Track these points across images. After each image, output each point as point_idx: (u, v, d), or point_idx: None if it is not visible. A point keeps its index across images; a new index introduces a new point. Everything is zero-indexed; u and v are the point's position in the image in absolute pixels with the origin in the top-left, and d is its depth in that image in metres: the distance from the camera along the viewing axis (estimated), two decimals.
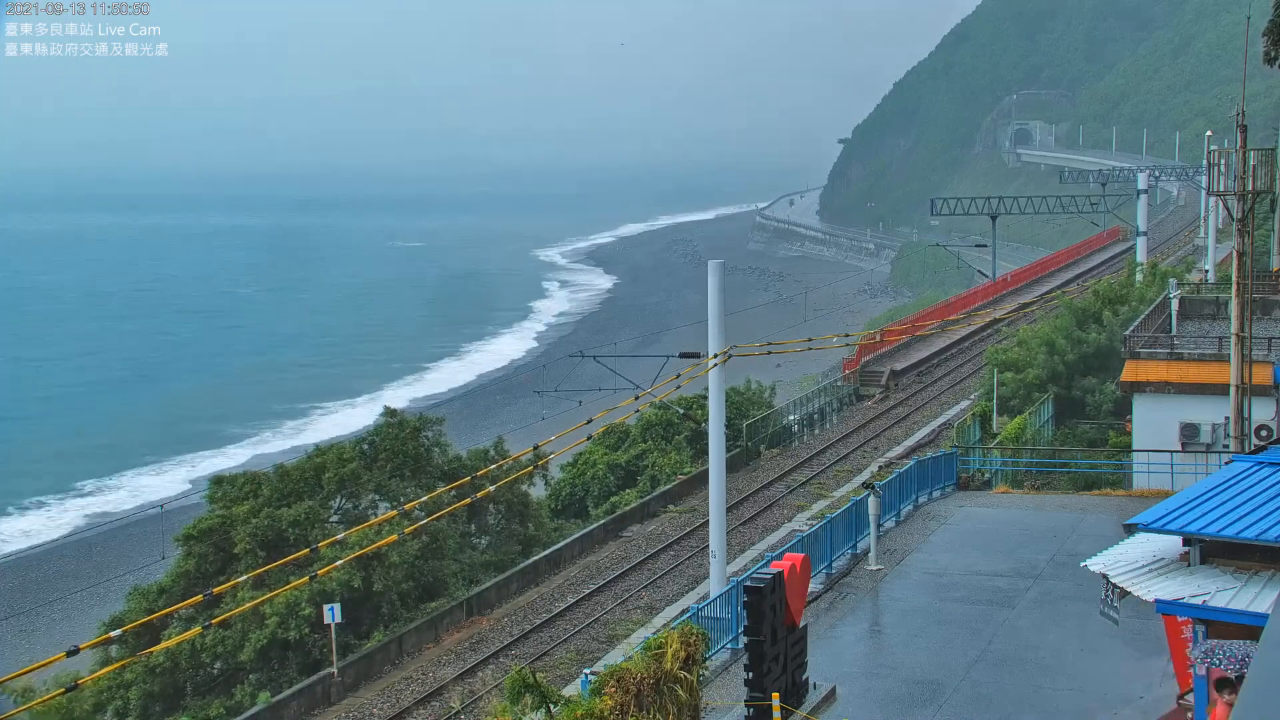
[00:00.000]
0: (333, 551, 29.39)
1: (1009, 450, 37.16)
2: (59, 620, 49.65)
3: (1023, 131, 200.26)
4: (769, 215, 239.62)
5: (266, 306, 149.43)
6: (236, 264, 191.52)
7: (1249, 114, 28.73)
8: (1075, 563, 19.01)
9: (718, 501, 25.66)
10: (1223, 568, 13.86)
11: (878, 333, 64.98)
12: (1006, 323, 64.45)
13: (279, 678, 31.09)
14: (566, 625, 32.86)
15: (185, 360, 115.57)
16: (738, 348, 26.78)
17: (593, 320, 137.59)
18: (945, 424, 49.19)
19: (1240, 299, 26.46)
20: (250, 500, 33.88)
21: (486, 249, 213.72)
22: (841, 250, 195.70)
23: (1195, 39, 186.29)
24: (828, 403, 55.66)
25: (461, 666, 30.45)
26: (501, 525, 39.90)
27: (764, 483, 44.31)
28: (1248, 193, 26.66)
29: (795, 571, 16.33)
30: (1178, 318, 40.10)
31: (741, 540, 37.74)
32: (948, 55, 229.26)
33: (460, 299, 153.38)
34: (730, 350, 25.28)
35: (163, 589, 32.31)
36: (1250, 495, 14.70)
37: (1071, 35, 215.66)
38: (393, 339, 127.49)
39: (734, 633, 19.33)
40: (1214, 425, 31.71)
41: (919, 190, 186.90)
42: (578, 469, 47.50)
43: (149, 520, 52.98)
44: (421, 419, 39.07)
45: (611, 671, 14.05)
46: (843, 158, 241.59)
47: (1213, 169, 31.09)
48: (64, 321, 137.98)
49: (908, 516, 28.51)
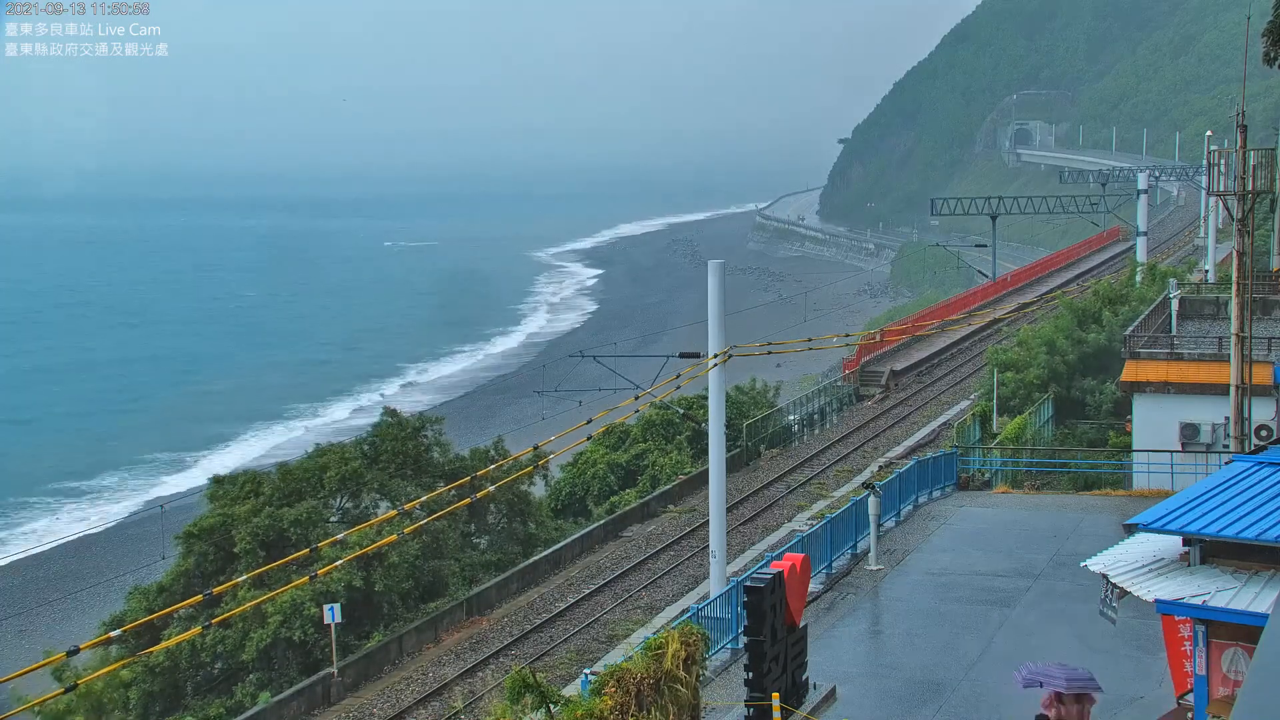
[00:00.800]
0: (333, 551, 29.39)
1: (1009, 450, 37.16)
2: (59, 620, 49.65)
3: (1023, 131, 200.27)
4: (769, 215, 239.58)
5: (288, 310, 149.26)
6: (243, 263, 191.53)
7: (1249, 114, 28.74)
8: (1075, 563, 19.00)
9: (718, 501, 25.66)
10: (1223, 568, 13.86)
11: (878, 333, 64.97)
12: (1006, 323, 64.46)
13: (279, 678, 31.09)
14: (566, 625, 32.86)
15: (182, 362, 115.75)
16: (738, 348, 26.78)
17: (592, 320, 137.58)
18: (945, 424, 49.19)
19: (1240, 299, 26.46)
20: (251, 500, 33.89)
21: (485, 249, 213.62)
22: (841, 250, 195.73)
23: (1195, 39, 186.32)
24: (828, 403, 55.65)
25: (462, 666, 30.44)
26: (502, 525, 39.92)
27: (764, 483, 44.31)
28: (1248, 193, 26.66)
29: (795, 571, 16.32)
30: (1178, 318, 40.08)
31: (741, 540, 37.74)
32: (948, 55, 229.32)
33: (460, 299, 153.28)
34: (730, 350, 25.28)
35: (163, 589, 32.33)
36: (1250, 495, 14.69)
37: (1071, 35, 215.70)
38: (391, 339, 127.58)
39: (734, 633, 19.33)
40: (1214, 425, 31.70)
41: (919, 190, 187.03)
42: (578, 469, 47.51)
43: (149, 520, 53.00)
44: (422, 419, 39.13)
45: (611, 671, 14.04)
46: (843, 158, 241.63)
47: (1213, 169, 31.14)
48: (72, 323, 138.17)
49: (908, 516, 28.51)
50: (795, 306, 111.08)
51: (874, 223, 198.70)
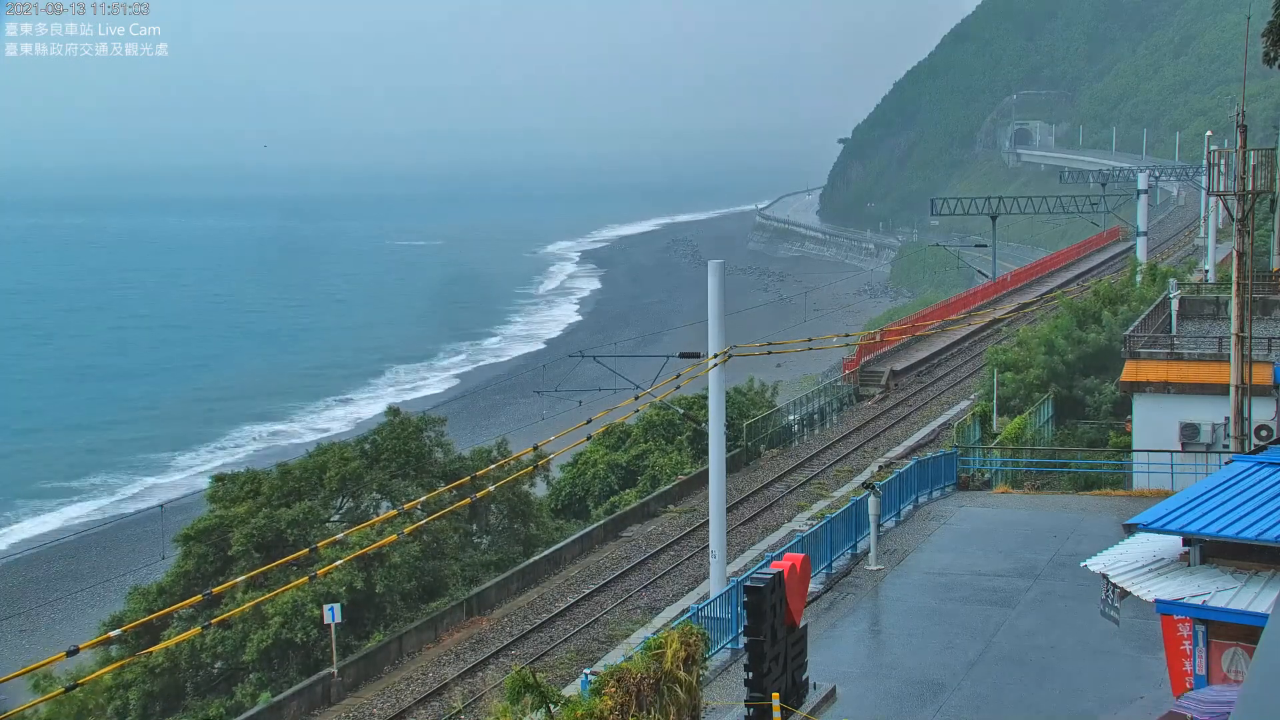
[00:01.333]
0: (333, 551, 29.38)
1: (1009, 450, 37.15)
2: (59, 620, 49.66)
3: (1023, 131, 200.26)
4: (769, 215, 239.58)
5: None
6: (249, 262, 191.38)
7: (1249, 114, 28.76)
8: (1075, 563, 19.03)
9: (718, 501, 25.65)
10: (1223, 568, 13.87)
11: (878, 333, 64.98)
12: (1006, 323, 64.45)
13: (279, 678, 31.07)
14: (566, 625, 32.86)
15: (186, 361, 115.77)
16: (738, 348, 26.78)
17: (592, 320, 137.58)
18: (945, 424, 49.19)
19: (1240, 299, 26.47)
20: (249, 500, 33.84)
21: (484, 249, 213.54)
22: (841, 250, 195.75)
23: (1195, 39, 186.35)
24: (828, 403, 55.64)
25: (462, 666, 30.44)
26: (503, 525, 39.91)
27: (764, 483, 44.31)
28: (1248, 193, 26.68)
29: (795, 571, 16.32)
30: (1178, 318, 40.08)
31: (741, 540, 37.74)
32: (947, 55, 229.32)
33: (459, 299, 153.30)
34: (730, 350, 25.28)
35: (162, 589, 32.30)
36: (1250, 495, 14.70)
37: (1071, 35, 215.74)
38: (391, 339, 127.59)
39: (734, 633, 19.33)
40: (1214, 425, 31.70)
41: (919, 190, 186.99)
42: (578, 469, 47.50)
43: (149, 520, 53.02)
44: (424, 419, 39.09)
45: (611, 671, 14.04)
46: (843, 158, 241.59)
47: (1213, 169, 31.14)
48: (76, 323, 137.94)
49: (908, 516, 28.51)
50: (795, 306, 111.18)
51: (874, 223, 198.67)
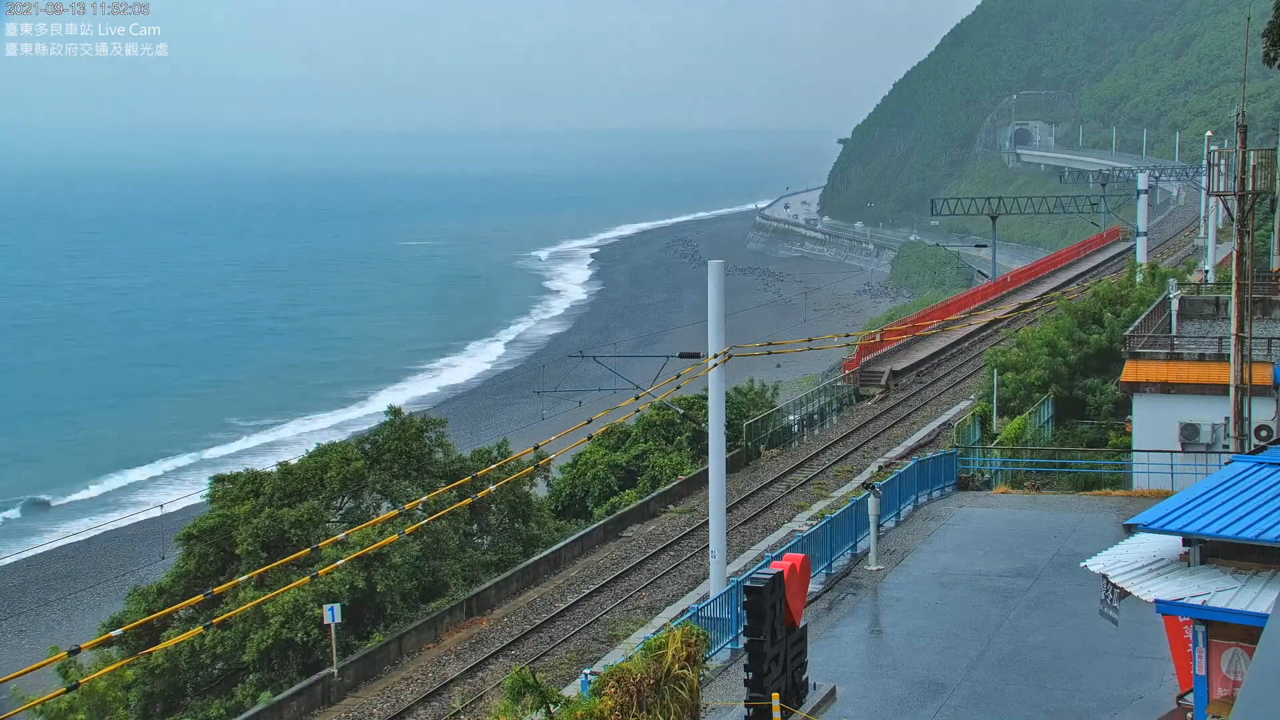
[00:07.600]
0: (335, 551, 29.38)
1: (1009, 450, 37.15)
2: (59, 620, 49.69)
3: (1022, 131, 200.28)
4: (769, 215, 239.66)
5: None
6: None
7: (1249, 114, 28.78)
8: (1075, 563, 19.02)
9: (718, 501, 25.66)
10: (1223, 568, 13.87)
11: (878, 333, 64.98)
12: (1006, 323, 64.44)
13: (279, 678, 31.07)
14: (566, 625, 32.86)
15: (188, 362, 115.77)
16: (738, 348, 26.79)
17: (592, 320, 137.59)
18: (945, 424, 49.18)
19: (1240, 299, 26.47)
20: (251, 500, 33.84)
21: (485, 249, 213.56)
22: (841, 250, 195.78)
23: (1195, 39, 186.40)
24: (828, 403, 55.65)
25: (462, 666, 30.44)
26: (504, 525, 39.92)
27: (764, 483, 44.31)
28: (1248, 193, 26.68)
29: (795, 571, 16.33)
30: (1177, 318, 40.07)
31: (741, 540, 37.74)
32: (947, 55, 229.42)
33: (459, 299, 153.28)
34: (730, 350, 25.29)
35: (163, 589, 32.30)
36: (1250, 495, 14.70)
37: (1071, 35, 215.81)
38: (390, 338, 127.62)
39: (734, 633, 19.33)
40: (1214, 425, 31.71)
41: (919, 190, 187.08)
42: (578, 469, 47.50)
43: (149, 520, 53.02)
44: (425, 420, 39.11)
45: (611, 671, 14.05)
46: (843, 158, 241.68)
47: (1213, 169, 31.18)
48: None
49: (908, 517, 28.51)
50: (795, 306, 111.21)
51: (874, 222, 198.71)
